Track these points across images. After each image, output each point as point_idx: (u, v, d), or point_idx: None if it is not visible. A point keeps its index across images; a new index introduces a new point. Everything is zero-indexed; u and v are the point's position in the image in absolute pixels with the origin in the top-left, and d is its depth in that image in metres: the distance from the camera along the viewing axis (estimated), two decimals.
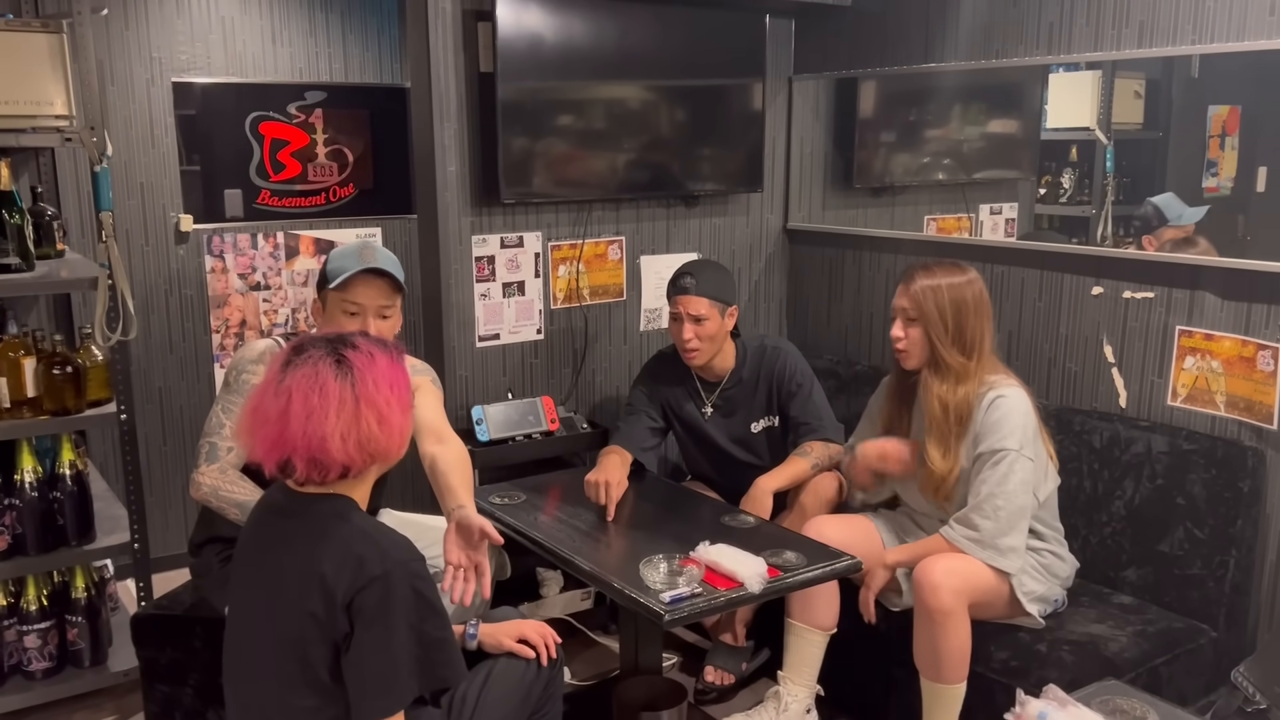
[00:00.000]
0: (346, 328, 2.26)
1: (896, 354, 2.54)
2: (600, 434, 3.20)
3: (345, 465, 1.57)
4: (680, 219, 3.53)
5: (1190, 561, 2.55)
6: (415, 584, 1.56)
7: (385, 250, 2.36)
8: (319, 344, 1.61)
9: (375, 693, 1.52)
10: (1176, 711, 1.79)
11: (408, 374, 1.65)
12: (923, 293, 2.46)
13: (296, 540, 1.60)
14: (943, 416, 2.44)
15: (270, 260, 3.80)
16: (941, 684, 2.35)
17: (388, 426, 1.58)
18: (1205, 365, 2.64)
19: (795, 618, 2.59)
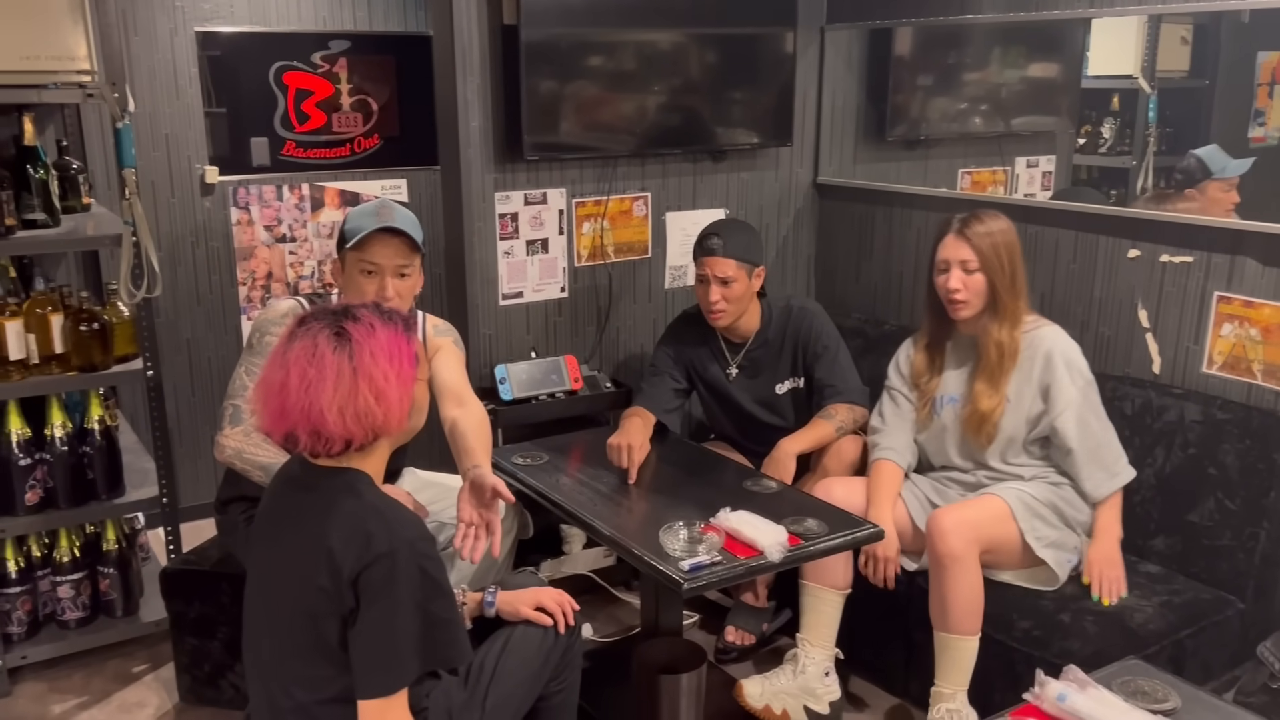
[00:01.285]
0: (365, 288, 2.26)
1: (953, 305, 2.51)
2: (624, 393, 3.18)
3: (346, 438, 1.57)
4: (707, 174, 3.47)
5: (1220, 532, 2.52)
6: (422, 563, 1.56)
7: (404, 209, 2.34)
8: (322, 316, 1.60)
9: (378, 668, 1.52)
10: (1199, 693, 1.77)
11: (411, 346, 1.64)
12: (983, 241, 2.47)
13: (308, 514, 1.60)
14: (997, 358, 2.49)
15: (296, 212, 3.79)
16: (950, 634, 2.35)
17: (385, 401, 1.57)
18: (1244, 333, 2.57)
19: (808, 578, 2.59)
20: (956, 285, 2.48)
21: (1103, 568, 2.44)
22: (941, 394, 2.61)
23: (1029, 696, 1.70)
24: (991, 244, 2.47)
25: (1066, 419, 2.45)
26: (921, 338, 2.67)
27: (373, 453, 1.64)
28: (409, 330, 1.65)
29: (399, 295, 2.28)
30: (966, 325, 2.55)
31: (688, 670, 2.43)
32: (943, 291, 2.52)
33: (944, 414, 2.61)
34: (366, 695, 1.53)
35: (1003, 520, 2.43)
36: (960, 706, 2.35)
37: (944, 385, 2.61)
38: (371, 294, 2.25)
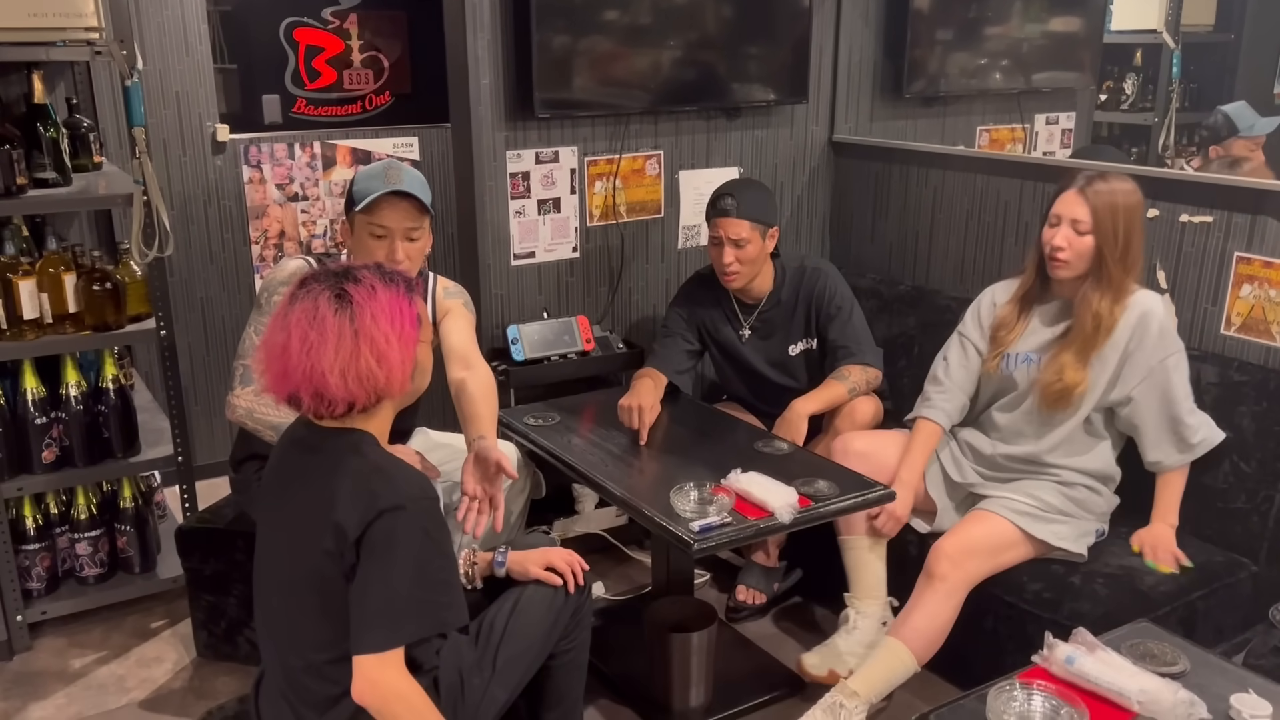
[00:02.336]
0: (375, 251, 2.25)
1: (1052, 263, 2.42)
2: (636, 354, 3.18)
3: (348, 400, 1.57)
4: (721, 132, 3.43)
5: (1235, 495, 2.50)
6: (425, 522, 1.56)
7: (412, 170, 2.32)
8: (324, 278, 1.59)
9: (373, 625, 1.53)
10: (1208, 656, 1.77)
11: (414, 308, 1.63)
12: (1102, 203, 2.35)
13: (314, 475, 1.61)
14: (1092, 330, 2.39)
15: (308, 171, 3.77)
16: (899, 641, 2.33)
17: (386, 364, 1.57)
18: (1263, 294, 2.54)
19: (846, 533, 2.58)
20: (1061, 243, 2.39)
21: (1154, 545, 2.43)
22: (1018, 350, 2.52)
23: (1037, 659, 1.70)
24: (1110, 208, 2.34)
25: (1145, 388, 2.39)
26: (1019, 289, 2.56)
27: (376, 414, 1.64)
28: (411, 292, 1.65)
29: (409, 258, 2.27)
30: (1063, 286, 2.46)
31: (699, 629, 2.45)
32: (1047, 245, 2.42)
33: (1016, 371, 2.52)
34: (361, 650, 1.53)
35: (1012, 543, 2.40)
36: (857, 717, 2.29)
37: (1023, 341, 2.52)
38: (381, 257, 2.24)
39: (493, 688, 1.79)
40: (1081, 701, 1.56)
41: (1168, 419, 2.41)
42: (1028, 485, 2.47)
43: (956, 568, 2.35)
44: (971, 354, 2.61)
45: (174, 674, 2.66)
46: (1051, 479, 2.47)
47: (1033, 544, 2.41)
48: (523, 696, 1.95)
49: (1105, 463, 2.49)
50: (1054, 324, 2.50)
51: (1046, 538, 2.39)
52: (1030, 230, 3.07)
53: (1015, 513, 2.41)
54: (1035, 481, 2.48)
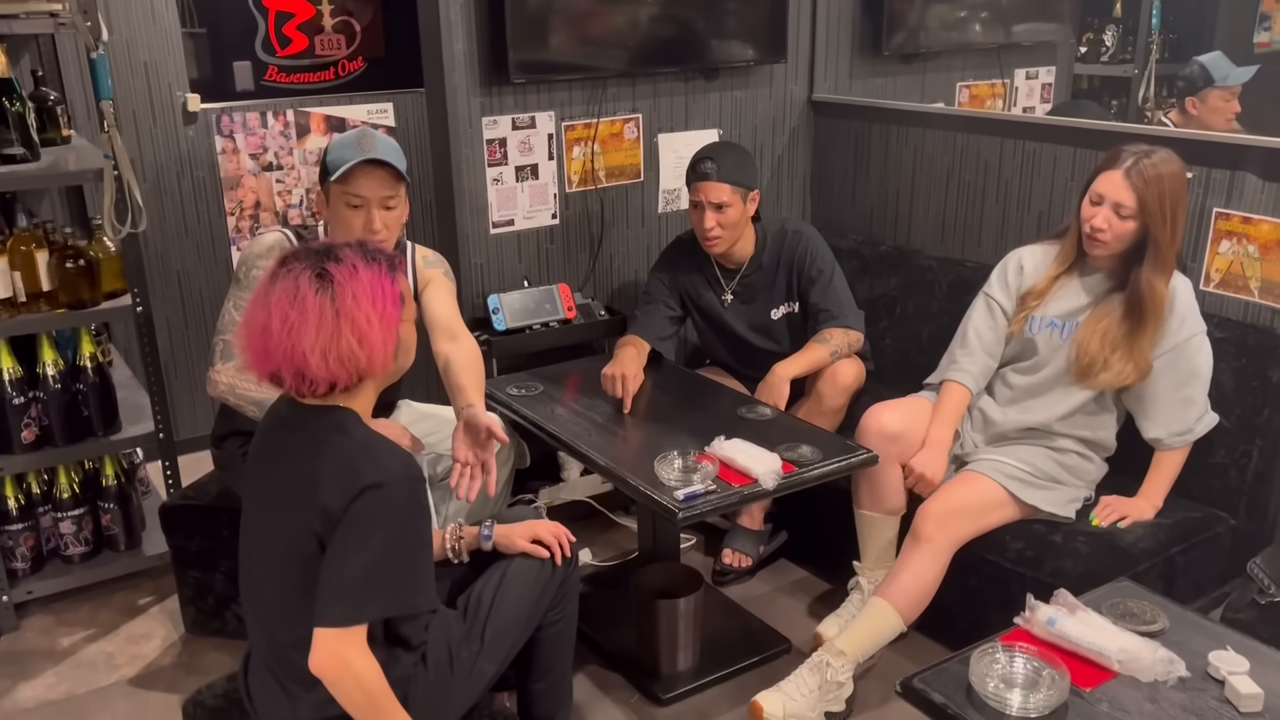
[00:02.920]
0: (351, 221, 2.22)
1: (1089, 240, 2.38)
2: (619, 321, 3.17)
3: (330, 380, 1.56)
4: (699, 93, 3.39)
5: (1214, 450, 2.52)
6: (405, 502, 1.56)
7: (386, 138, 2.29)
8: (304, 256, 1.58)
9: (338, 599, 1.53)
10: (1186, 614, 1.79)
11: (396, 287, 1.62)
12: (1149, 189, 2.29)
13: (298, 454, 1.60)
14: (1160, 313, 2.34)
15: (281, 140, 3.72)
16: (886, 602, 2.34)
17: (368, 344, 1.56)
18: (1241, 250, 2.55)
19: (866, 508, 2.58)
20: (1102, 225, 2.34)
21: (1118, 506, 2.45)
22: (1044, 314, 2.50)
23: (1019, 620, 1.72)
24: (1158, 193, 2.29)
25: (1163, 364, 2.38)
26: (1060, 260, 2.49)
27: (359, 393, 1.64)
28: (393, 270, 1.63)
29: (386, 226, 2.25)
30: (1100, 261, 2.43)
31: (685, 595, 2.47)
32: (1087, 224, 2.37)
33: (1039, 335, 2.50)
34: (323, 623, 1.53)
35: (998, 505, 2.40)
36: (844, 677, 2.31)
37: (1051, 306, 2.49)
38: (358, 227, 2.22)
39: (481, 661, 1.80)
40: (1062, 662, 1.58)
41: (1179, 399, 2.40)
42: (1020, 450, 2.48)
43: (942, 529, 2.36)
44: (999, 316, 2.57)
45: (163, 650, 2.67)
46: (1045, 445, 2.48)
47: (1020, 506, 2.42)
48: (512, 667, 1.96)
49: (1106, 434, 2.50)
50: (1091, 296, 2.46)
51: (1035, 502, 2.41)
52: (1010, 189, 3.06)
53: (1004, 475, 2.42)
54: (1028, 447, 2.48)
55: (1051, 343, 2.49)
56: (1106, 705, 1.55)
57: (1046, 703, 1.53)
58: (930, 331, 3.09)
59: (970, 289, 2.74)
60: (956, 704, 1.56)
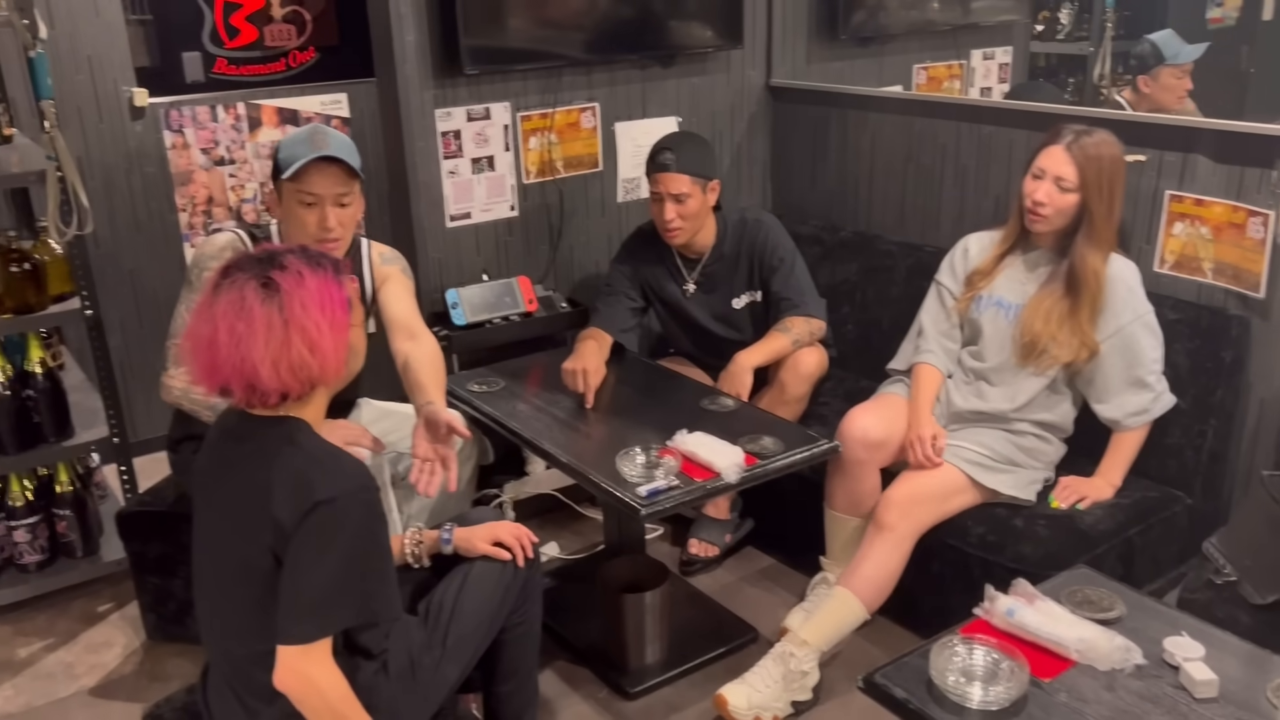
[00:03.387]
0: (305, 219, 2.19)
1: (1031, 215, 2.42)
2: (580, 313, 3.14)
3: (281, 391, 1.54)
4: (656, 80, 3.37)
5: (1170, 430, 2.55)
6: (360, 513, 1.54)
7: (339, 134, 2.26)
8: (248, 266, 1.55)
9: (298, 616, 1.51)
10: (1143, 600, 1.81)
11: (344, 292, 1.59)
12: (1090, 163, 2.34)
13: (248, 466, 1.58)
14: (1096, 286, 2.38)
15: (233, 133, 3.65)
16: (849, 591, 2.36)
17: (320, 352, 1.53)
18: (1195, 231, 2.57)
19: (841, 510, 2.59)
20: (1044, 198, 2.38)
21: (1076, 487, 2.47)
22: (989, 294, 2.53)
23: (979, 611, 1.73)
24: (1097, 167, 2.34)
25: (1111, 346, 2.41)
26: (1003, 239, 2.55)
27: (310, 401, 1.61)
28: (339, 275, 1.60)
29: (340, 224, 2.22)
30: (1042, 237, 2.47)
31: (651, 588, 2.47)
32: (1028, 198, 2.41)
33: (984, 314, 2.53)
34: (285, 641, 1.52)
35: (959, 490, 2.42)
36: (809, 666, 2.31)
37: (996, 287, 2.53)
38: (312, 225, 2.19)
39: (444, 666, 1.79)
40: (1021, 653, 1.60)
41: (1130, 380, 2.43)
42: (978, 433, 2.50)
43: (905, 517, 2.37)
44: (949, 301, 2.61)
45: (124, 658, 2.63)
46: (1002, 428, 2.50)
47: (981, 491, 2.44)
48: (477, 669, 1.95)
49: (1063, 417, 2.52)
50: (1034, 275, 2.49)
51: (996, 486, 2.43)
52: (967, 173, 3.07)
53: (965, 461, 2.44)
54: (986, 430, 2.50)
55: (997, 324, 2.52)
56: (1065, 695, 1.57)
57: (1006, 695, 1.54)
58: (891, 316, 3.10)
59: (929, 273, 2.75)
60: (918, 699, 1.58)
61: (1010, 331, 2.49)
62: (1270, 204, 2.39)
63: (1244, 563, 2.10)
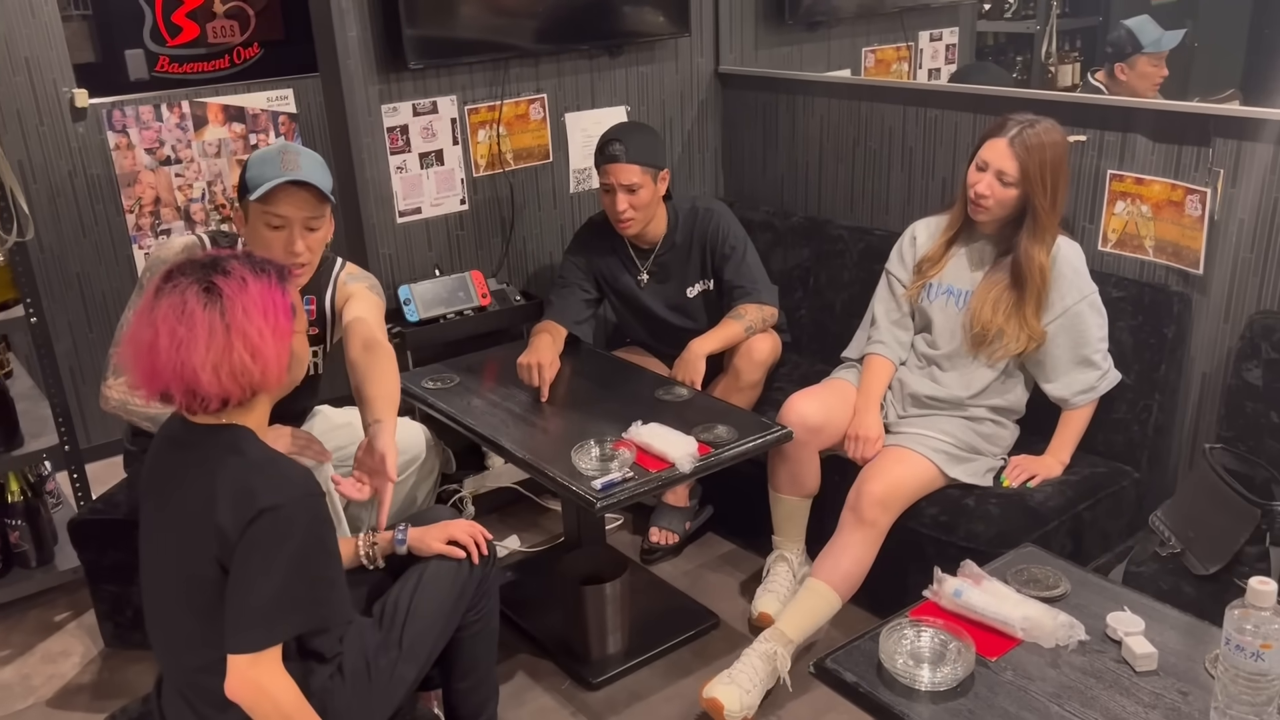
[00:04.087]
0: (271, 242, 2.13)
1: (973, 206, 2.44)
2: (535, 305, 3.14)
3: (223, 397, 1.53)
4: (605, 70, 3.36)
5: (1116, 406, 2.60)
6: (306, 520, 1.54)
7: (310, 153, 2.18)
8: (190, 270, 1.53)
9: (246, 624, 1.51)
10: (1088, 576, 1.85)
11: (287, 299, 1.58)
12: (1031, 158, 2.35)
13: (191, 475, 1.57)
14: (1041, 280, 2.41)
15: (178, 133, 3.60)
16: (823, 582, 2.37)
17: (261, 358, 1.53)
18: (1135, 210, 2.61)
19: (785, 492, 2.62)
20: (985, 191, 2.40)
21: (1027, 465, 2.51)
22: (939, 281, 2.56)
23: (928, 594, 1.76)
24: (1039, 162, 2.35)
25: (1058, 327, 2.44)
26: (949, 227, 2.56)
27: (253, 408, 1.60)
28: (284, 281, 1.59)
29: (309, 249, 2.16)
30: (985, 226, 2.49)
31: (611, 579, 2.48)
32: (971, 189, 2.43)
33: (934, 303, 2.56)
34: (234, 650, 1.51)
35: (931, 481, 2.45)
36: (784, 656, 2.31)
37: (946, 275, 2.55)
38: (279, 248, 2.13)
39: (401, 666, 1.79)
40: (969, 634, 1.63)
41: (1077, 359, 2.47)
42: (940, 421, 2.52)
43: (887, 511, 2.39)
44: (899, 290, 2.64)
45: (82, 668, 2.61)
46: (960, 415, 2.53)
47: (944, 478, 2.47)
48: (435, 667, 1.96)
49: (1016, 400, 2.56)
50: (980, 263, 2.52)
51: (960, 476, 2.46)
52: (914, 156, 3.09)
53: (934, 451, 2.46)
54: (947, 418, 2.53)
55: (948, 311, 2.55)
56: (1011, 673, 1.60)
57: (954, 675, 1.57)
58: (843, 300, 3.13)
59: (880, 256, 2.77)
60: (868, 682, 1.60)
61: (960, 319, 2.53)
62: (1207, 182, 2.44)
63: (1188, 534, 2.15)
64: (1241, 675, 1.40)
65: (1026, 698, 1.55)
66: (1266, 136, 2.34)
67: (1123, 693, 1.55)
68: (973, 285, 2.51)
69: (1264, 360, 2.34)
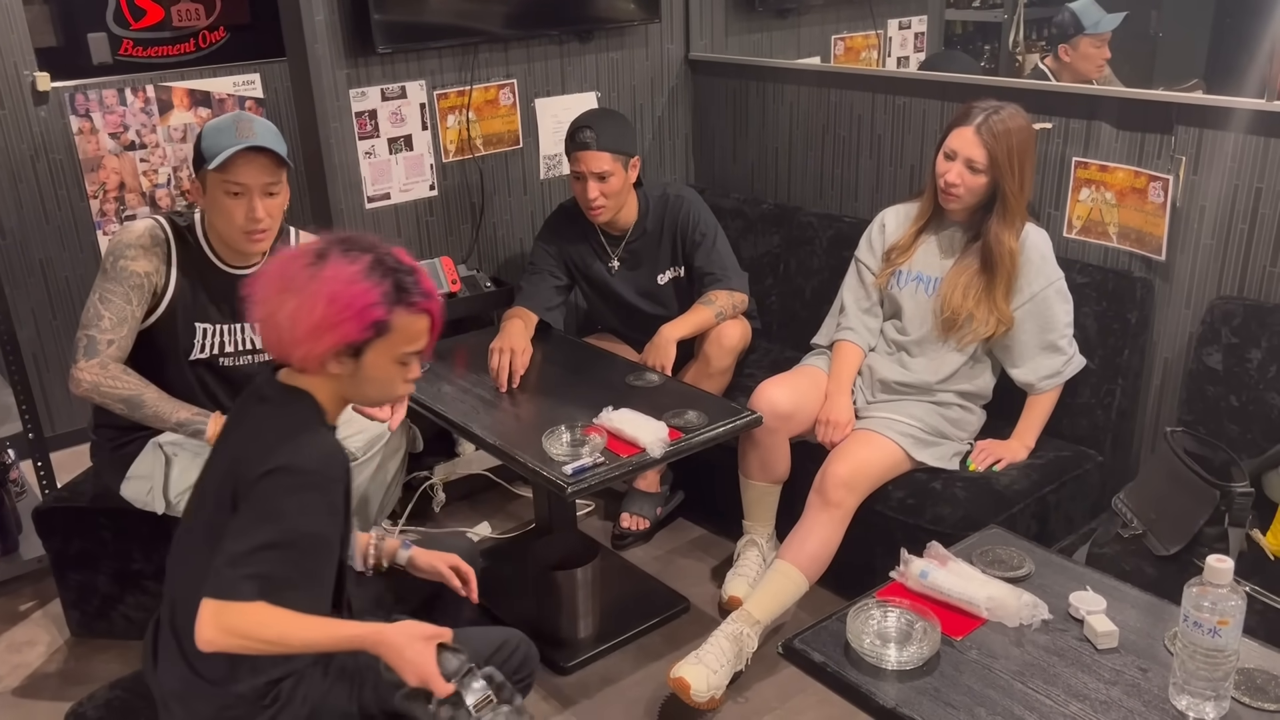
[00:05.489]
0: (231, 210, 2.13)
1: (944, 194, 2.46)
2: (505, 292, 3.14)
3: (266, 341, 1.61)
4: (575, 55, 3.35)
5: (1080, 390, 2.63)
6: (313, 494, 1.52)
7: (263, 121, 2.18)
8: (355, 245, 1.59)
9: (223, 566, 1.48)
10: (1050, 557, 1.88)
11: (373, 312, 1.55)
12: (999, 144, 2.37)
13: (251, 423, 1.63)
14: (1012, 267, 2.43)
15: (143, 117, 3.55)
16: (790, 564, 2.39)
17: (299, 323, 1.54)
18: (1100, 197, 2.64)
19: (756, 478, 2.64)
20: (955, 180, 2.42)
21: (992, 450, 2.54)
22: (908, 269, 2.58)
23: (895, 575, 1.78)
24: (1007, 148, 2.38)
25: (1025, 313, 2.46)
26: (918, 215, 2.59)
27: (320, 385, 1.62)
28: (388, 294, 1.55)
29: (269, 214, 2.16)
30: (955, 214, 2.51)
31: (582, 564, 2.49)
32: (941, 178, 2.45)
33: (903, 290, 2.58)
34: (207, 593, 1.48)
35: (898, 464, 2.47)
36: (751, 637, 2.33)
37: (914, 262, 2.57)
38: (240, 216, 2.13)
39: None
40: (934, 614, 1.65)
41: (1043, 344, 2.50)
42: (908, 406, 2.54)
43: (852, 492, 2.41)
44: (868, 278, 2.66)
45: (48, 657, 2.58)
46: (928, 400, 2.56)
47: (911, 462, 2.50)
48: None
49: (983, 384, 2.59)
50: (950, 250, 2.54)
51: (927, 460, 2.49)
52: (883, 143, 3.11)
53: (900, 434, 2.48)
54: (915, 403, 2.55)
55: (918, 298, 2.57)
56: (976, 652, 1.63)
57: (919, 654, 1.59)
58: (813, 287, 3.15)
59: (849, 243, 2.79)
60: (835, 662, 1.62)
61: (931, 305, 2.55)
62: (1169, 169, 2.47)
63: (1149, 516, 2.19)
64: (1199, 651, 1.43)
65: (991, 675, 1.57)
66: (1228, 125, 2.37)
67: (1084, 670, 1.58)
68: (942, 272, 2.54)
69: (1224, 345, 2.39)
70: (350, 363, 1.58)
